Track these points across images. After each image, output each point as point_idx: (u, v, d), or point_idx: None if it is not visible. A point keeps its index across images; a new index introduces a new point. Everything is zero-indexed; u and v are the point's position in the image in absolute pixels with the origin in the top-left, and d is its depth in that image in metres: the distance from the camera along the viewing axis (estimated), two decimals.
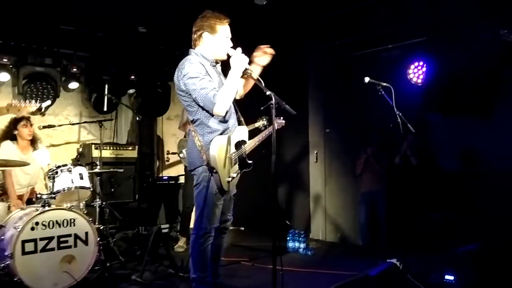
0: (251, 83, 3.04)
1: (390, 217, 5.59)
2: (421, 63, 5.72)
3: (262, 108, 2.78)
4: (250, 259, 4.59)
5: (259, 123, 4.13)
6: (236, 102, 3.15)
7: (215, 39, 2.92)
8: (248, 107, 3.51)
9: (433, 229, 5.30)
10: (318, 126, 6.13)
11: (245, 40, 5.22)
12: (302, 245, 4.99)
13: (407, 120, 3.84)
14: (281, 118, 3.88)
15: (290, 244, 5.06)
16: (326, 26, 5.33)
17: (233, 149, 2.96)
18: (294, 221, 6.00)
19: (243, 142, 3.06)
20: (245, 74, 2.88)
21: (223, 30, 2.92)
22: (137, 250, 4.58)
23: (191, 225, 5.56)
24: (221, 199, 2.94)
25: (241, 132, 3.07)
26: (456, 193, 5.87)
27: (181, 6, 4.49)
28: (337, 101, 6.14)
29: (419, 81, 5.75)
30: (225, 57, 2.98)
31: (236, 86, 2.84)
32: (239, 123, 3.13)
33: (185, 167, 5.13)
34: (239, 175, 3.07)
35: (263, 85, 2.76)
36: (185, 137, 5.23)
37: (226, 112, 2.89)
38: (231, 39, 2.99)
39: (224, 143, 2.89)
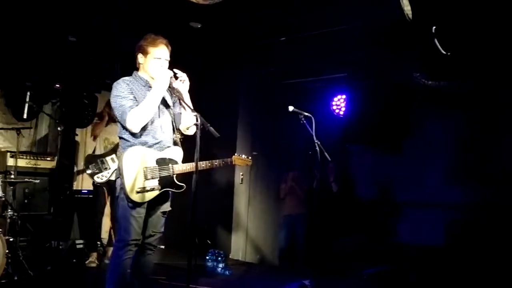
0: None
1: (309, 240, 5.82)
2: (343, 96, 6.14)
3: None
4: (167, 277, 4.55)
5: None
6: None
7: (147, 61, 3.00)
8: None
9: (345, 252, 5.59)
10: (245, 149, 6.28)
11: (183, 60, 5.35)
12: (220, 265, 5.04)
13: (328, 149, 4.06)
14: None
15: (209, 264, 5.09)
16: (258, 54, 5.55)
17: (152, 164, 2.94)
18: (216, 241, 6.04)
19: (172, 161, 3.04)
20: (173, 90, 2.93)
21: (156, 52, 2.98)
22: (48, 265, 4.36)
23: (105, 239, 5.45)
24: (138, 211, 2.90)
25: (173, 152, 3.07)
26: (369, 219, 6.26)
27: (115, 19, 4.48)
28: (265, 126, 6.36)
29: (341, 113, 6.16)
30: None
31: (154, 105, 2.89)
32: (175, 144, 3.15)
33: (93, 183, 5.04)
34: (161, 192, 2.98)
35: (191, 106, 2.84)
36: (93, 152, 5.14)
37: (150, 129, 2.94)
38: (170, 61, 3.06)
39: (138, 154, 2.89)
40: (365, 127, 5.81)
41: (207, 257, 5.13)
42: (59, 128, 4.75)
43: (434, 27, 3.46)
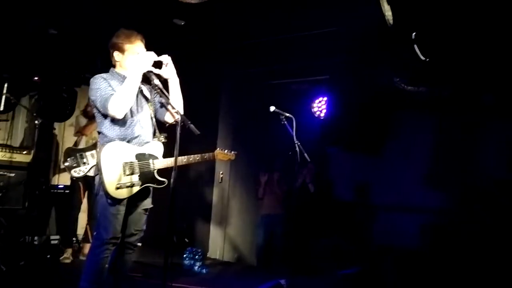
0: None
1: (286, 240, 5.86)
2: (325, 98, 6.19)
3: (167, 125, 2.84)
4: (143, 274, 4.52)
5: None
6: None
7: (124, 58, 2.97)
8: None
9: (322, 253, 5.64)
10: (225, 147, 6.23)
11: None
12: (197, 263, 5.03)
13: (308, 150, 4.10)
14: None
15: (186, 262, 5.07)
16: (240, 54, 5.56)
17: (132, 159, 2.90)
18: (194, 239, 6.02)
19: (152, 156, 3.00)
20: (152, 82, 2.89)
21: (133, 48, 2.95)
22: (21, 260, 4.28)
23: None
24: (118, 208, 2.85)
25: (153, 147, 3.04)
26: (346, 221, 6.32)
27: (97, 13, 4.43)
28: (246, 125, 6.37)
29: (322, 115, 6.21)
30: None
31: (133, 88, 2.83)
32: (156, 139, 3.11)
33: (70, 178, 5.00)
34: (143, 188, 2.95)
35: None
36: (74, 145, 5.08)
37: (129, 123, 2.91)
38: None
39: (116, 149, 2.84)
40: (345, 129, 5.87)
41: (185, 255, 5.12)
42: (36, 122, 4.66)
43: (414, 33, 3.54)
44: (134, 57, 2.93)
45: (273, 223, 5.92)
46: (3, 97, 5.07)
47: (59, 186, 5.74)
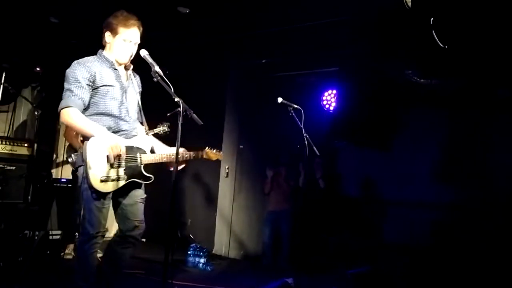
0: None
1: (293, 237, 5.73)
2: (334, 91, 6.03)
3: (168, 114, 2.70)
4: (145, 271, 4.40)
5: (159, 129, 4.03)
6: (144, 107, 3.04)
7: (115, 41, 2.83)
8: (154, 113, 3.42)
9: (330, 250, 5.51)
10: (232, 141, 6.15)
11: (168, 46, 5.16)
12: (202, 260, 4.90)
13: (316, 144, 3.98)
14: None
15: (191, 259, 4.95)
16: (248, 45, 5.39)
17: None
18: (199, 235, 5.88)
19: (140, 150, 2.89)
20: None
21: (126, 33, 2.81)
22: (19, 255, 4.18)
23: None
24: (103, 202, 2.75)
25: (141, 141, 2.93)
26: (354, 217, 6.19)
27: (99, 1, 4.28)
28: (254, 119, 6.23)
29: (331, 108, 6.05)
30: (126, 61, 2.89)
31: (85, 133, 2.72)
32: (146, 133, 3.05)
33: (72, 171, 4.95)
34: (128, 182, 2.84)
35: (172, 90, 2.68)
36: None
37: (117, 115, 2.82)
38: (141, 44, 2.87)
39: (103, 140, 2.72)
40: (354, 123, 5.74)
41: (189, 252, 5.00)
42: (36, 113, 4.54)
43: (432, 19, 3.35)
44: (124, 44, 2.82)
45: (279, 220, 5.81)
46: (1, 87, 4.95)
47: (62, 180, 5.62)
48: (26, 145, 5.14)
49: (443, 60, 4.10)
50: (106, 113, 2.79)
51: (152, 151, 3.01)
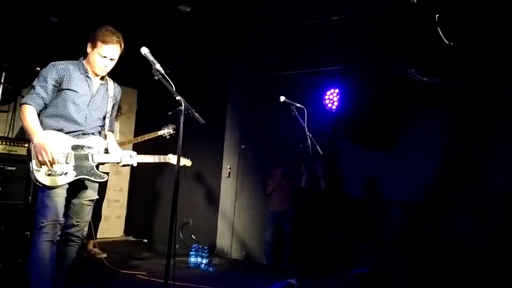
0: None
1: (295, 238, 5.69)
2: (336, 90, 5.98)
3: (170, 113, 2.68)
4: (147, 272, 4.36)
5: (163, 131, 3.98)
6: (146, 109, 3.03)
7: (92, 54, 2.96)
8: (156, 112, 3.39)
9: (332, 251, 5.46)
10: (233, 141, 6.10)
11: (169, 45, 5.12)
12: (204, 261, 4.85)
13: (318, 144, 3.94)
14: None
15: (192, 259, 4.90)
16: (249, 43, 5.34)
17: (67, 149, 2.86)
18: (200, 236, 5.84)
19: (91, 149, 2.97)
20: None
21: (103, 49, 2.91)
22: (20, 257, 4.14)
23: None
24: (55, 192, 2.78)
25: (92, 141, 3.01)
26: (357, 218, 6.14)
27: (100, 1, 4.24)
28: (255, 118, 6.18)
29: (334, 107, 6.00)
30: (100, 74, 3.02)
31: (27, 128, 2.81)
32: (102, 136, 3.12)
33: None
34: (78, 179, 2.88)
35: (174, 89, 2.65)
36: None
37: (72, 115, 2.90)
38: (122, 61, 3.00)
39: (51, 138, 2.81)
40: (357, 122, 5.68)
41: (191, 253, 4.95)
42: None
43: (437, 15, 3.31)
44: (99, 58, 2.92)
45: (282, 220, 5.77)
46: (1, 86, 4.91)
47: None
48: (26, 145, 5.09)
49: (447, 59, 4.05)
50: (63, 115, 2.89)
51: (106, 152, 3.10)
